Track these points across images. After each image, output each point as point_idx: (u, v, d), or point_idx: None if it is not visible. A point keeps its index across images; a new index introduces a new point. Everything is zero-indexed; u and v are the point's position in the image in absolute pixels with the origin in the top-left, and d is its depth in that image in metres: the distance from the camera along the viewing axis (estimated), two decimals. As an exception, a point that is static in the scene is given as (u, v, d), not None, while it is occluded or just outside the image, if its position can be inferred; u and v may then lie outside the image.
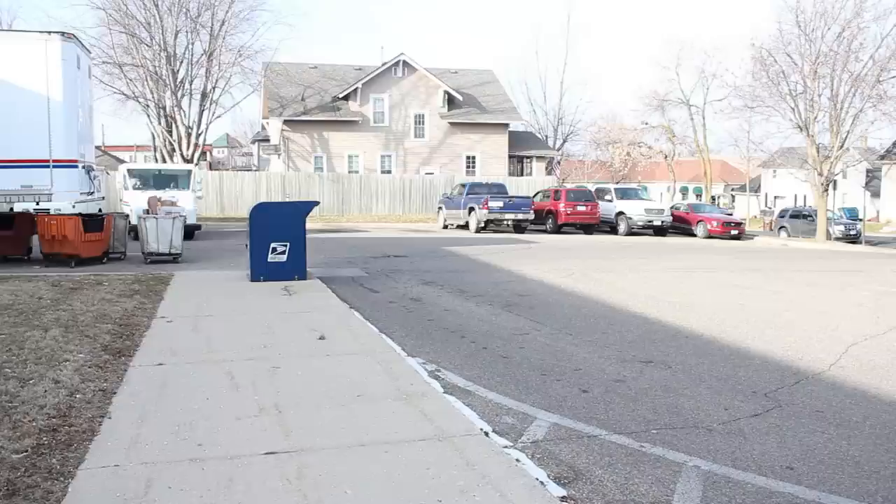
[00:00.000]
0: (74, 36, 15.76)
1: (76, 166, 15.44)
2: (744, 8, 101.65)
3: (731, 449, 5.14)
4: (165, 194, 21.65)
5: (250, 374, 6.50)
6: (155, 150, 44.06)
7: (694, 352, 8.28)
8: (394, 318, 9.98)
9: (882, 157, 61.76)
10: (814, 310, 11.79)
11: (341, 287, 12.50)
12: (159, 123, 42.15)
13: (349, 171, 43.98)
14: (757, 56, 35.31)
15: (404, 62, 45.40)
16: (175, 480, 4.18)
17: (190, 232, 21.64)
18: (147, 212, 17.49)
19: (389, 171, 44.86)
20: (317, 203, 15.50)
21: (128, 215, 18.38)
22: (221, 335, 8.26)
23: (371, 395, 6.00)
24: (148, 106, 42.03)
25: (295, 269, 12.72)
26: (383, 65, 45.56)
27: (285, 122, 43.52)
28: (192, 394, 5.90)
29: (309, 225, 13.58)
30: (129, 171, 24.18)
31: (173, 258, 15.86)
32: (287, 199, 38.22)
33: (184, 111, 42.30)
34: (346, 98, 44.82)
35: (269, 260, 12.58)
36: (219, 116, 45.60)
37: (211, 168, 66.01)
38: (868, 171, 60.43)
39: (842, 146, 34.04)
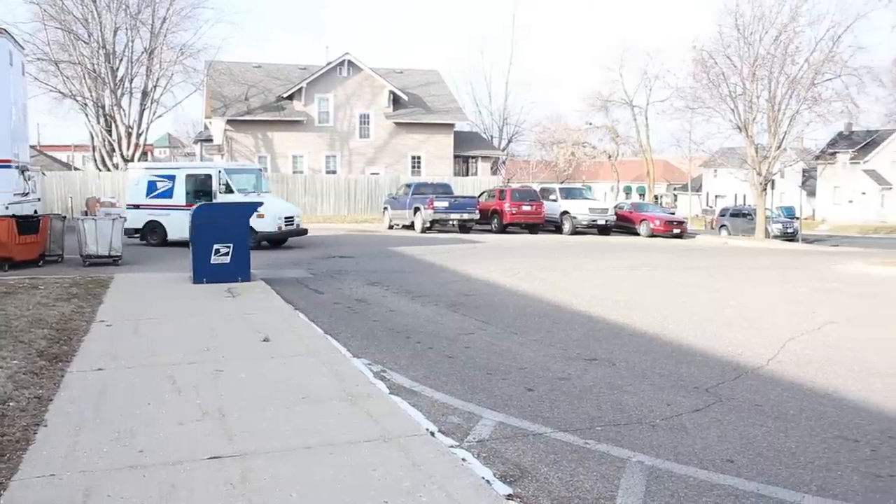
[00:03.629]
0: (6, 31, 15.33)
1: (9, 166, 15.02)
2: (686, 11, 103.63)
3: (673, 444, 5.23)
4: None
5: (193, 378, 6.39)
6: (94, 150, 43.02)
7: (637, 349, 8.39)
8: (339, 319, 9.92)
9: (817, 158, 63.56)
10: (753, 306, 12.05)
11: (286, 288, 12.38)
12: (98, 123, 41.17)
13: (294, 172, 43.53)
14: (698, 58, 35.99)
15: (349, 62, 45.13)
16: (115, 488, 4.09)
17: (282, 239, 21.11)
18: (86, 213, 17.08)
19: (334, 172, 44.52)
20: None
21: (65, 217, 17.90)
22: (163, 338, 8.11)
23: (316, 396, 5.95)
24: (86, 105, 41.02)
25: (238, 271, 12.56)
26: (328, 64, 45.22)
27: (228, 121, 42.90)
28: (132, 399, 5.78)
29: (253, 226, 13.40)
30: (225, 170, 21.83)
31: (113, 260, 15.53)
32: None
33: (124, 110, 41.41)
34: (290, 98, 44.37)
35: (212, 261, 12.39)
36: (160, 116, 44.83)
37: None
38: (804, 170, 61.96)
39: (779, 146, 34.90)
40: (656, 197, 65.72)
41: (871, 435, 5.51)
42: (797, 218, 40.33)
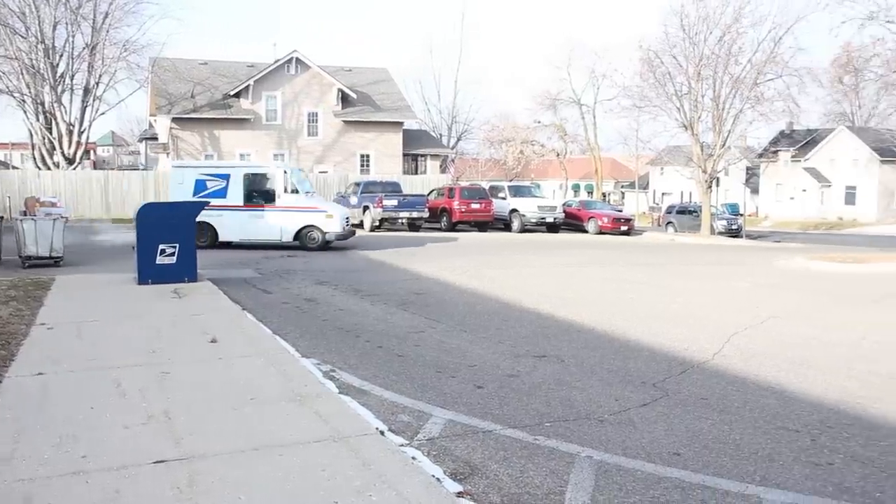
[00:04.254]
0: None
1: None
2: (633, 11, 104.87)
3: (621, 438, 5.29)
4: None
5: (138, 381, 6.27)
6: (33, 149, 41.89)
7: (586, 345, 8.48)
8: (288, 319, 9.83)
9: (760, 156, 64.90)
10: (699, 302, 12.26)
11: (233, 288, 12.23)
12: (37, 120, 40.09)
13: (241, 170, 43.00)
14: (644, 58, 36.54)
15: (297, 59, 44.75)
16: (56, 496, 3.99)
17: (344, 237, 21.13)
18: (25, 213, 16.65)
19: (283, 171, 44.10)
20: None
21: (2, 217, 17.41)
22: (107, 341, 7.94)
23: (265, 397, 5.89)
24: (24, 101, 39.88)
25: (185, 271, 12.37)
26: (276, 62, 44.78)
27: (174, 119, 42.22)
28: (75, 404, 5.65)
29: (199, 225, 13.21)
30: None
31: (54, 261, 15.16)
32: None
33: (65, 107, 40.39)
34: (237, 95, 43.85)
35: (157, 262, 12.18)
36: (103, 113, 43.78)
37: (95, 167, 63.44)
38: (748, 168, 63.21)
39: (724, 145, 35.64)
40: (604, 195, 66.48)
41: (811, 425, 5.65)
42: (741, 215, 41.13)
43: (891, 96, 51.49)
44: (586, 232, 34.46)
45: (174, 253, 12.27)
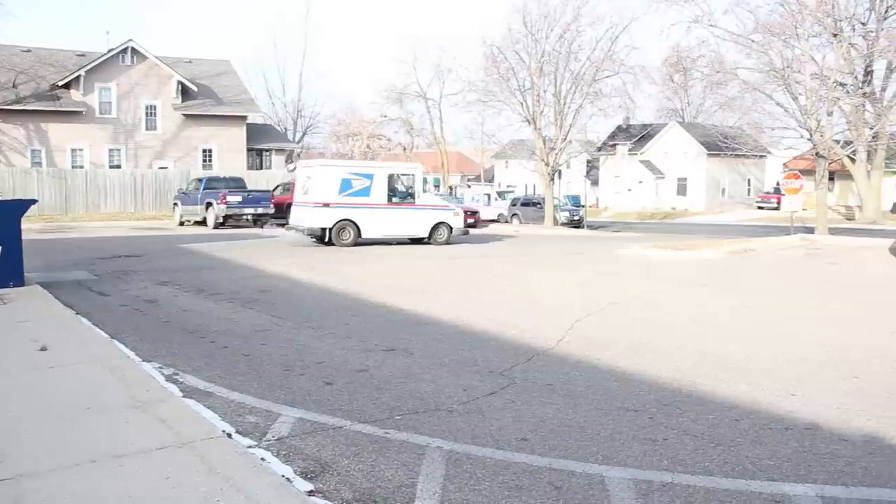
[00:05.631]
0: None
1: None
2: (477, 7, 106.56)
3: (470, 427, 5.38)
4: None
5: (-43, 395, 5.80)
6: None
7: (434, 337, 8.56)
8: (126, 322, 9.38)
9: (599, 149, 67.86)
10: (543, 290, 12.66)
11: (66, 292, 11.53)
12: None
13: (73, 167, 40.66)
14: (489, 53, 37.40)
15: (133, 49, 42.75)
16: None
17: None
18: None
19: (119, 166, 42.04)
20: (34, 201, 14.20)
21: None
22: (-79, 353, 7.30)
23: (102, 406, 5.58)
24: None
25: (10, 275, 11.53)
26: (109, 51, 42.59)
27: (-6, 112, 39.38)
28: None
29: (26, 226, 12.42)
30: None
31: None
32: None
33: None
34: (67, 86, 41.36)
35: (-22, 266, 11.31)
36: None
37: None
38: (588, 161, 66.02)
39: (565, 139, 37.04)
40: (451, 188, 67.49)
41: (648, 404, 5.95)
42: (583, 206, 42.86)
43: (715, 94, 54.97)
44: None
45: (-3, 256, 11.43)
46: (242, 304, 10.81)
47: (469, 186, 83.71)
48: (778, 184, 45.26)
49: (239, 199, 29.56)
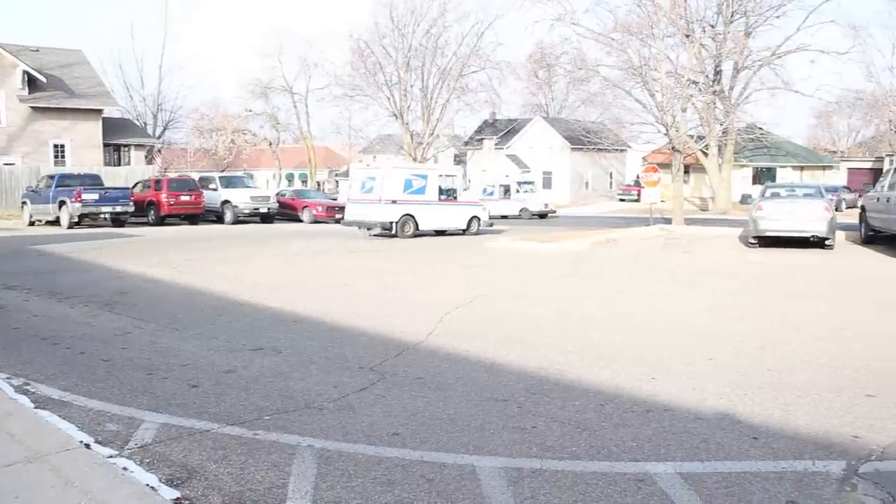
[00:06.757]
0: None
1: None
2: (345, 1, 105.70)
3: (341, 424, 5.34)
4: None
5: None
6: None
7: (303, 335, 8.45)
8: (-29, 330, 8.77)
9: (466, 144, 68.69)
10: (412, 285, 12.72)
11: None
12: None
13: None
14: (356, 47, 37.31)
15: (-29, 38, 39.98)
16: None
17: None
18: None
19: (-42, 162, 39.27)
20: None
21: None
22: None
23: (-57, 420, 5.20)
24: None
25: None
26: (-57, 40, 39.68)
27: None
28: None
29: None
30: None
31: None
32: None
33: None
34: None
35: None
36: None
37: None
38: (456, 155, 66.65)
39: (433, 133, 37.39)
40: (318, 183, 66.79)
41: (517, 394, 6.08)
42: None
43: (578, 90, 56.81)
44: (301, 221, 34.48)
45: None
46: (101, 307, 10.31)
47: (337, 182, 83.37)
48: (638, 177, 47.24)
49: (95, 196, 28.22)
